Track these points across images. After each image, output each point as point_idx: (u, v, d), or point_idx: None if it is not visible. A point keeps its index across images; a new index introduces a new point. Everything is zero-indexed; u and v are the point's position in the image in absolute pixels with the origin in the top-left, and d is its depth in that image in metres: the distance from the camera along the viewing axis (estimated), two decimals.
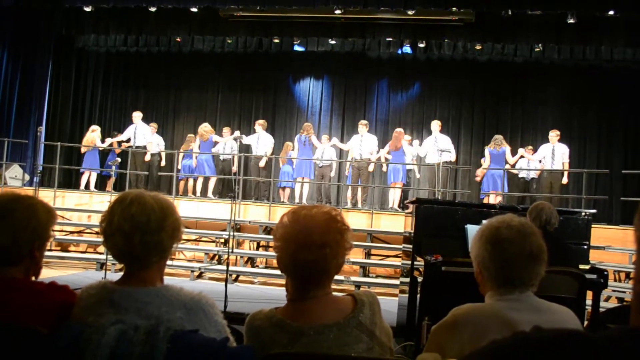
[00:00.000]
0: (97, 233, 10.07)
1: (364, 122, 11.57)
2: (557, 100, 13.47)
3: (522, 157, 11.22)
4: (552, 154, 10.78)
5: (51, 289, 1.80)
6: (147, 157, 11.89)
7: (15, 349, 1.63)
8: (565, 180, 10.88)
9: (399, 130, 11.43)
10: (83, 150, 12.10)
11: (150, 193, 1.75)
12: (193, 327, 1.60)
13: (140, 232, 1.64)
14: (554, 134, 10.88)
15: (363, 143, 11.23)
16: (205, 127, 12.03)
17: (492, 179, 10.88)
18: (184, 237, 10.08)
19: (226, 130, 12.52)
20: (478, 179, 11.66)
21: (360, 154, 11.14)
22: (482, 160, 11.63)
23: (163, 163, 12.67)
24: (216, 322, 1.68)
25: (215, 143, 12.11)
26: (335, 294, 1.73)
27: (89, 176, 11.91)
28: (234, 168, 11.82)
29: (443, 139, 10.96)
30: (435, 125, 11.15)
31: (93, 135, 12.02)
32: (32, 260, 1.85)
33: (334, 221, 1.68)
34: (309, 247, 1.63)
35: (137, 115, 12.25)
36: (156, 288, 1.66)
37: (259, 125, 11.94)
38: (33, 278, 1.88)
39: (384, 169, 11.90)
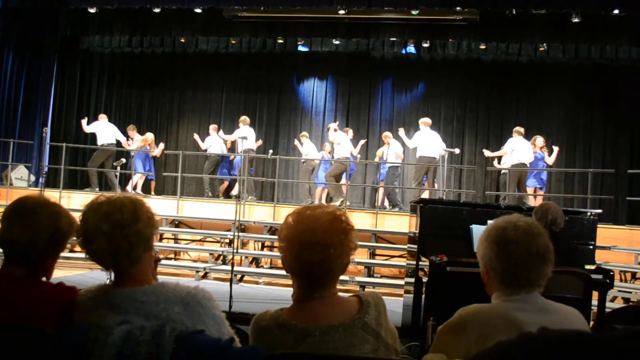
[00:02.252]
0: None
1: (332, 125, 11.62)
2: (562, 99, 13.42)
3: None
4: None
5: (58, 289, 1.82)
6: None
7: (22, 349, 1.64)
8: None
9: None
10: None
11: (112, 193, 1.78)
12: (191, 321, 1.61)
13: (119, 227, 1.65)
14: (520, 131, 10.77)
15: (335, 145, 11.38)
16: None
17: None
18: (189, 237, 10.18)
19: (212, 128, 12.67)
20: None
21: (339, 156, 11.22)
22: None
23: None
24: (214, 315, 1.68)
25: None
26: (340, 294, 1.73)
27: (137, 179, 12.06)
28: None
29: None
30: (425, 122, 11.06)
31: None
32: (42, 264, 1.87)
33: (338, 221, 1.68)
34: (313, 248, 1.63)
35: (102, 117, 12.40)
36: (152, 286, 1.67)
37: (242, 122, 11.88)
38: (44, 279, 1.90)
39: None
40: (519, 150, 10.46)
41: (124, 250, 1.67)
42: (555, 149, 10.87)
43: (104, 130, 12.04)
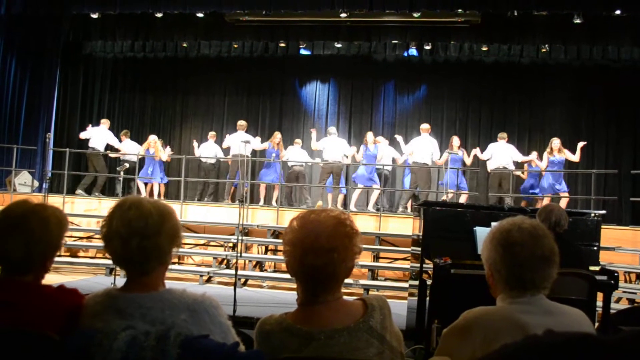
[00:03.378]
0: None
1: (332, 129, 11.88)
2: (564, 100, 13.41)
3: (530, 161, 11.29)
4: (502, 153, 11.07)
5: (60, 292, 1.82)
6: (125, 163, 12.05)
7: (27, 354, 1.64)
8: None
9: (454, 137, 11.50)
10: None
11: (149, 199, 1.76)
12: (197, 329, 1.61)
13: (138, 237, 1.65)
14: (502, 136, 11.22)
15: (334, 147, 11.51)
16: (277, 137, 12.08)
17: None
18: (193, 241, 10.19)
19: (209, 136, 12.74)
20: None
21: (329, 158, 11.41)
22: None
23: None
24: (220, 324, 1.68)
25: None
26: (344, 297, 1.72)
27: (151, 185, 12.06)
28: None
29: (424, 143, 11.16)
30: (422, 128, 11.36)
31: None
32: (42, 268, 1.88)
33: (342, 225, 1.68)
34: (317, 252, 1.63)
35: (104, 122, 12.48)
36: (159, 292, 1.67)
37: (241, 127, 11.94)
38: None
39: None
40: (496, 154, 11.03)
41: (135, 259, 1.67)
42: (579, 145, 10.75)
43: (95, 135, 12.15)
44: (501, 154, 11.01)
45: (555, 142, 10.68)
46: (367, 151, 11.43)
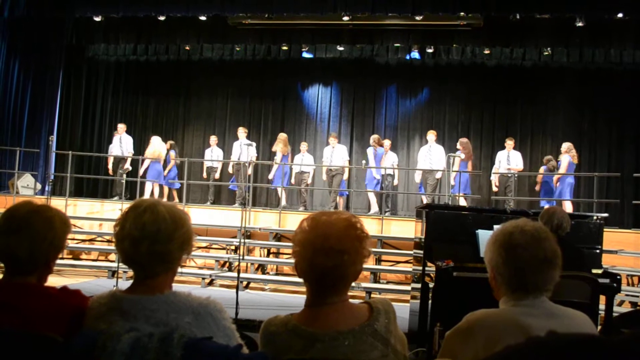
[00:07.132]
0: (108, 241, 10.12)
1: (334, 134, 12.29)
2: (567, 103, 13.39)
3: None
4: (508, 160, 11.55)
5: (64, 293, 1.83)
6: (127, 165, 12.18)
7: (31, 356, 1.65)
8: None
9: (465, 139, 11.62)
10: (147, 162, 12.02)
11: (165, 203, 1.76)
12: (201, 332, 1.61)
13: (149, 241, 1.66)
14: (509, 142, 11.64)
15: (334, 154, 11.82)
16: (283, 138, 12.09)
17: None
18: (195, 244, 10.19)
19: (213, 139, 12.94)
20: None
21: (331, 162, 11.71)
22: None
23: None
24: (224, 327, 1.69)
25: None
26: (349, 300, 1.73)
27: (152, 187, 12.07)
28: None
29: (437, 150, 11.50)
30: (431, 135, 11.65)
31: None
32: (46, 269, 1.89)
33: (353, 228, 1.69)
34: (327, 253, 1.63)
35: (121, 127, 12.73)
36: (164, 295, 1.68)
37: (244, 131, 12.16)
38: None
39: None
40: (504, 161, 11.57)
41: (143, 262, 1.69)
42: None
43: (121, 142, 12.46)
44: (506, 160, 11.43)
45: (573, 150, 10.70)
46: (378, 151, 11.49)
